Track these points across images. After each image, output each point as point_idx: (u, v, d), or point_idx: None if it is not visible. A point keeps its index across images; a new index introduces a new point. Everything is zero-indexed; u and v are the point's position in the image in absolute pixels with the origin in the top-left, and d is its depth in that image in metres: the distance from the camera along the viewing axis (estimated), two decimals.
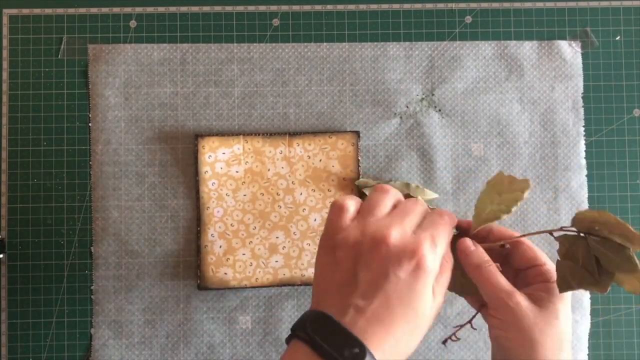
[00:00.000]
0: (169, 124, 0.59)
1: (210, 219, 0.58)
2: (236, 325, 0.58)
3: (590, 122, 0.61)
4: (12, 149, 0.59)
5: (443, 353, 0.59)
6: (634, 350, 0.59)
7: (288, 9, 0.61)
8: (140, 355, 0.58)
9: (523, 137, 0.60)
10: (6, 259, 0.58)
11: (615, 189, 0.60)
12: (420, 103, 0.60)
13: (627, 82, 0.61)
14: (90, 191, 0.59)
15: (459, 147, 0.60)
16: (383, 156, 0.60)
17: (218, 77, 0.60)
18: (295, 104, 0.60)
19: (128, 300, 0.58)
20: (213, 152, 0.58)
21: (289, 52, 0.60)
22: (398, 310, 0.34)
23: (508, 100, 0.60)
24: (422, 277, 0.35)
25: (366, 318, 0.34)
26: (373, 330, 0.34)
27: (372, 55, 0.60)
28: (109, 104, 0.59)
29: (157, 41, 0.60)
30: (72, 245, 0.58)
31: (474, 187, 0.60)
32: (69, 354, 0.58)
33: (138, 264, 0.58)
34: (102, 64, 0.59)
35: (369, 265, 0.35)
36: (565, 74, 0.61)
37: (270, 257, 0.58)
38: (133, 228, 0.58)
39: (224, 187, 0.58)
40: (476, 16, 0.61)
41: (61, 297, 0.58)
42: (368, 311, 0.34)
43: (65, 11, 0.60)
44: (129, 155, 0.59)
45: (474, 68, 0.60)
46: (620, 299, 0.60)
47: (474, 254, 0.39)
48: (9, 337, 0.58)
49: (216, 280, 0.57)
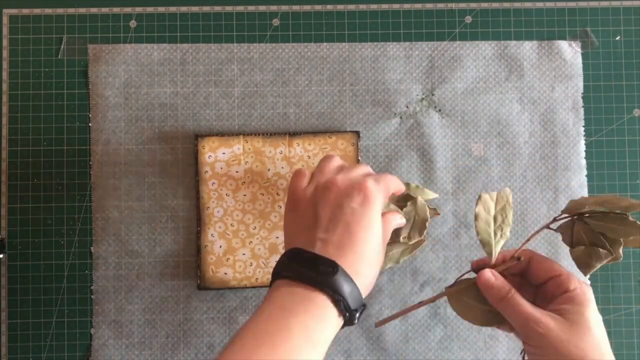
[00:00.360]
0: (169, 124, 0.59)
1: (210, 219, 0.58)
2: (236, 325, 0.58)
3: (590, 122, 0.61)
4: (12, 149, 0.59)
5: (443, 353, 0.59)
6: (634, 350, 0.59)
7: (288, 9, 0.61)
8: (140, 355, 0.58)
9: (523, 137, 0.60)
10: (6, 259, 0.58)
11: (615, 189, 0.60)
12: (420, 103, 0.60)
13: (627, 82, 0.61)
14: (90, 191, 0.59)
15: (459, 147, 0.60)
16: (383, 156, 0.60)
17: (218, 77, 0.60)
18: (295, 104, 0.60)
19: (128, 300, 0.58)
20: (213, 152, 0.58)
21: (289, 52, 0.60)
22: (360, 234, 0.39)
23: (508, 100, 0.60)
24: (371, 205, 0.41)
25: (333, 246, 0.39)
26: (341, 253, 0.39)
27: (372, 55, 0.60)
28: (109, 104, 0.59)
29: (157, 41, 0.60)
30: (72, 245, 0.58)
31: (474, 187, 0.60)
32: (69, 354, 0.58)
33: (138, 264, 0.58)
34: (102, 64, 0.59)
35: (325, 205, 0.41)
36: (565, 74, 0.61)
37: (270, 257, 0.58)
38: (133, 228, 0.58)
39: (224, 187, 0.58)
40: (476, 16, 0.61)
41: (61, 297, 0.58)
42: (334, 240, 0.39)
43: (65, 11, 0.60)
44: (129, 155, 0.59)
45: (474, 68, 0.61)
46: (620, 299, 0.60)
47: (495, 287, 0.40)
48: (9, 337, 0.58)
49: (216, 280, 0.57)
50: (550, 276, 0.41)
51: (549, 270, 0.41)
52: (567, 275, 0.40)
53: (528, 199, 0.60)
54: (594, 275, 0.59)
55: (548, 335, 0.37)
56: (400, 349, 0.58)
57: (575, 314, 0.38)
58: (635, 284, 0.60)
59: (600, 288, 0.60)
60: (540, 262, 0.42)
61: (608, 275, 0.60)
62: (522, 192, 0.60)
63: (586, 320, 0.38)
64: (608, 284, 0.60)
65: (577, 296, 0.39)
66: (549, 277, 0.41)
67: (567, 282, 0.40)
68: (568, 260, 0.44)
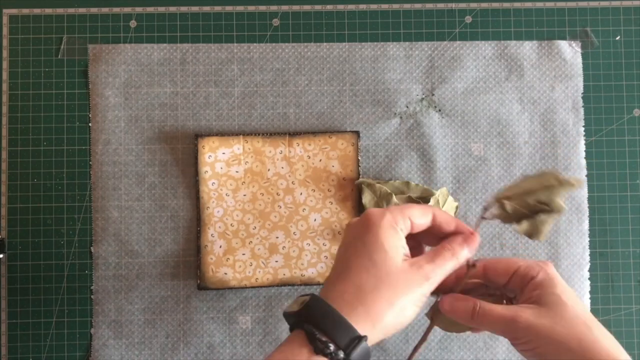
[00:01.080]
0: (169, 124, 0.59)
1: (210, 219, 0.58)
2: (236, 325, 0.58)
3: (590, 122, 0.61)
4: (12, 149, 0.59)
5: (443, 353, 0.59)
6: (634, 351, 0.59)
7: (288, 9, 0.61)
8: (140, 355, 0.58)
9: (523, 137, 0.60)
10: (6, 259, 0.58)
11: (615, 189, 0.60)
12: (420, 103, 0.60)
13: (627, 82, 0.61)
14: (90, 191, 0.59)
15: (459, 147, 0.60)
16: (383, 156, 0.60)
17: (218, 77, 0.60)
18: (295, 104, 0.60)
19: (128, 300, 0.58)
20: (213, 152, 0.58)
21: (289, 52, 0.60)
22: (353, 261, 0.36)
23: (508, 100, 0.60)
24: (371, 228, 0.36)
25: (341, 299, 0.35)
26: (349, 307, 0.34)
27: (372, 55, 0.60)
28: (109, 104, 0.59)
29: (157, 41, 0.60)
30: (72, 245, 0.58)
31: (474, 187, 0.60)
32: (69, 354, 0.58)
33: (138, 264, 0.58)
34: (102, 64, 0.59)
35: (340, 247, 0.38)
36: (565, 74, 0.61)
37: (270, 257, 0.58)
38: (133, 228, 0.58)
39: (224, 187, 0.58)
40: (476, 16, 0.61)
41: (61, 297, 0.58)
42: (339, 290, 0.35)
43: (65, 11, 0.60)
44: (129, 155, 0.59)
45: (474, 68, 0.60)
46: (620, 299, 0.60)
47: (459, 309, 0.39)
48: (9, 337, 0.58)
49: (216, 280, 0.57)
50: (510, 273, 0.40)
51: (506, 268, 0.40)
52: (525, 265, 0.40)
53: None
54: (594, 276, 0.59)
55: (530, 326, 0.37)
56: (400, 349, 0.58)
57: (548, 296, 0.38)
58: (635, 284, 0.60)
59: (600, 288, 0.60)
60: (495, 264, 0.41)
61: (608, 275, 0.60)
62: None
63: (559, 297, 0.38)
64: (608, 284, 0.60)
65: (542, 280, 0.38)
66: (510, 274, 0.40)
67: (528, 271, 0.39)
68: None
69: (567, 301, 0.38)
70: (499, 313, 0.38)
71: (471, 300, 0.39)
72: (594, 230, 0.60)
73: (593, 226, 0.60)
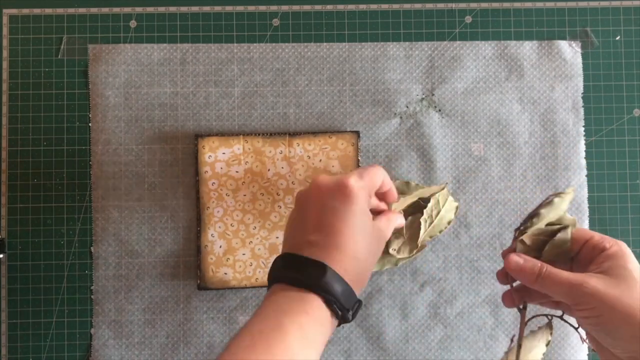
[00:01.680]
0: (169, 124, 0.59)
1: (210, 219, 0.58)
2: (236, 325, 0.58)
3: (590, 122, 0.61)
4: (12, 149, 0.59)
5: (443, 353, 0.59)
6: None
7: (288, 9, 0.61)
8: (140, 355, 0.58)
9: (523, 137, 0.60)
10: (6, 259, 0.58)
11: (615, 189, 0.60)
12: (420, 103, 0.60)
13: (627, 82, 0.61)
14: (90, 191, 0.59)
15: (459, 147, 0.60)
16: (383, 156, 0.60)
17: (218, 77, 0.60)
18: (295, 104, 0.60)
19: (128, 300, 0.58)
20: (213, 152, 0.58)
21: (289, 52, 0.60)
22: (345, 232, 0.40)
23: (508, 100, 0.60)
24: (353, 201, 0.41)
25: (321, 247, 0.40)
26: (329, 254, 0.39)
27: (372, 55, 0.60)
28: (109, 104, 0.59)
29: (157, 41, 0.60)
30: (72, 245, 0.58)
31: (474, 187, 0.60)
32: (69, 354, 0.58)
33: (138, 264, 0.58)
34: (102, 64, 0.59)
35: (310, 207, 0.42)
36: (565, 74, 0.61)
37: (270, 257, 0.58)
38: (133, 228, 0.58)
39: (224, 187, 0.58)
40: (476, 16, 0.61)
41: (61, 297, 0.58)
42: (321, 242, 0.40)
43: (65, 11, 0.60)
44: (129, 155, 0.59)
45: (474, 68, 0.61)
46: None
47: (526, 268, 0.40)
48: (9, 337, 0.58)
49: (216, 280, 0.57)
50: (582, 242, 0.41)
51: (579, 237, 0.41)
52: (599, 237, 0.40)
53: (528, 199, 0.60)
54: None
55: (597, 293, 0.37)
56: (400, 349, 0.58)
57: (618, 269, 0.38)
58: None
59: None
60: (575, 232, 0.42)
61: None
62: (522, 192, 0.60)
63: (630, 272, 0.38)
64: None
65: (615, 252, 0.39)
66: (582, 243, 0.41)
67: (601, 242, 0.40)
68: None
69: (638, 278, 0.38)
70: (565, 276, 0.38)
71: (538, 261, 0.40)
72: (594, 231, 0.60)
73: (593, 226, 0.60)
